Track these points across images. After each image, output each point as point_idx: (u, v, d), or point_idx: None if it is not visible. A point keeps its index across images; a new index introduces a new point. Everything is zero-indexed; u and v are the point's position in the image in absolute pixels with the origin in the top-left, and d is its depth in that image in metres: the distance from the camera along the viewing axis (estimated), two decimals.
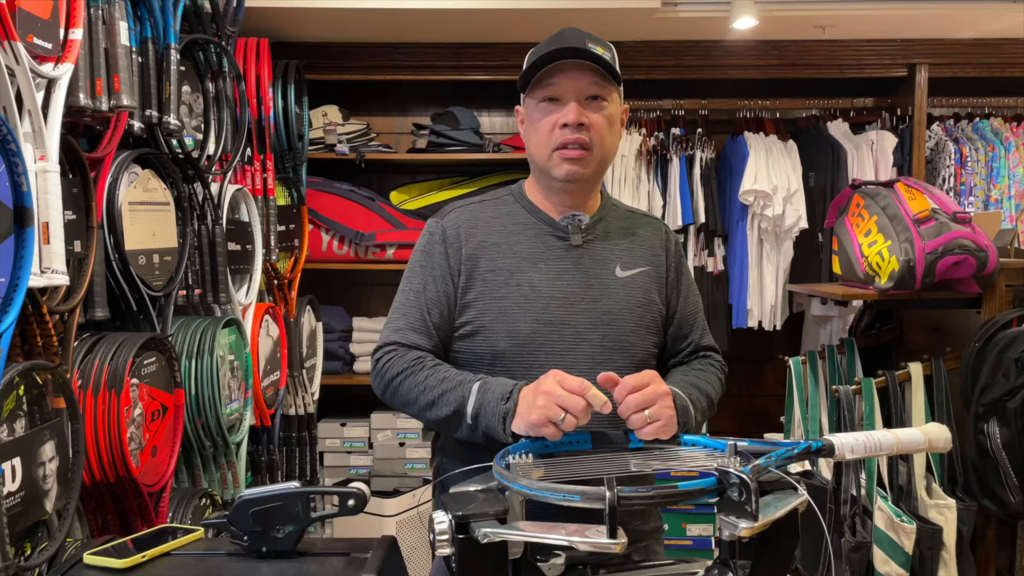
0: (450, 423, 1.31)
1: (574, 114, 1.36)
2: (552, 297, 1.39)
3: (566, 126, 1.36)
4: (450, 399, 1.29)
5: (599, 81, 1.37)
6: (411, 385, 1.34)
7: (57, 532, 1.41)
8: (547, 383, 1.18)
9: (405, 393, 1.35)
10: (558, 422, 1.14)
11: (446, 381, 1.31)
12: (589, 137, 1.37)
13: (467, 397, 1.28)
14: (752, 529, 0.88)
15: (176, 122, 1.90)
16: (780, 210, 3.25)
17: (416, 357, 1.36)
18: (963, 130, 3.44)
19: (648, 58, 3.36)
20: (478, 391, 1.27)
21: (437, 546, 0.91)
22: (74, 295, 1.53)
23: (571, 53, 1.34)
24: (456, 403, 1.29)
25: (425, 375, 1.33)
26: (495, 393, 1.25)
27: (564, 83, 1.37)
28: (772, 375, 3.75)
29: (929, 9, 2.96)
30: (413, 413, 1.37)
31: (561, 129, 1.37)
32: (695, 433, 1.26)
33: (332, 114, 3.43)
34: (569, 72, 1.36)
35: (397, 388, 1.36)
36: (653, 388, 1.20)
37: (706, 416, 1.39)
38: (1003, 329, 2.32)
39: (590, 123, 1.37)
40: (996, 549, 2.47)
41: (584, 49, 1.34)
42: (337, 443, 3.43)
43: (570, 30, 1.40)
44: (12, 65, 1.31)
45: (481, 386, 1.28)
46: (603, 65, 1.35)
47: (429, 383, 1.32)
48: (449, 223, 1.45)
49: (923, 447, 1.11)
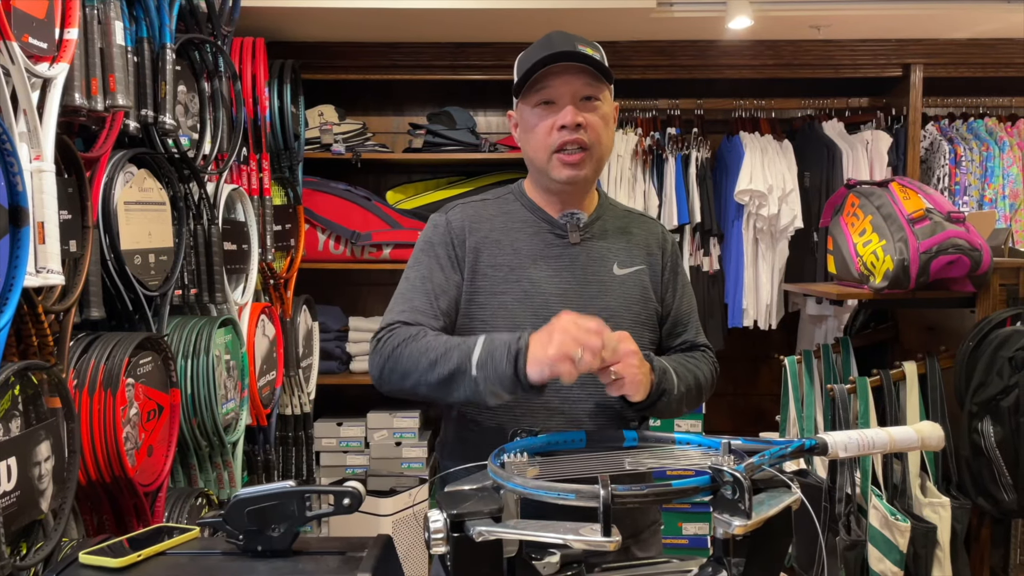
0: (452, 383, 1.25)
1: (571, 115, 1.37)
2: (551, 294, 1.41)
3: (563, 128, 1.38)
4: (453, 356, 1.25)
5: (592, 82, 1.39)
6: (413, 350, 1.29)
7: (53, 532, 1.41)
8: (564, 320, 1.17)
9: (406, 360, 1.30)
10: (575, 357, 1.13)
11: (449, 342, 1.28)
12: (587, 137, 1.39)
13: (472, 348, 1.24)
14: (746, 527, 0.88)
15: (172, 122, 1.90)
16: (775, 210, 3.26)
17: (419, 329, 1.33)
18: (958, 130, 3.46)
19: (644, 58, 3.36)
20: (484, 341, 1.24)
21: (432, 545, 0.92)
22: (70, 295, 1.52)
23: (562, 56, 1.36)
24: (460, 358, 1.24)
25: (429, 339, 1.30)
26: (503, 339, 1.22)
27: (558, 86, 1.38)
28: (768, 374, 3.75)
29: (924, 9, 2.97)
30: (412, 382, 1.30)
31: (559, 131, 1.39)
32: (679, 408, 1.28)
33: (328, 114, 3.43)
34: (562, 75, 1.38)
35: (399, 358, 1.30)
36: (620, 346, 1.20)
37: (695, 397, 1.41)
38: (997, 328, 2.33)
39: (587, 123, 1.39)
40: (990, 547, 2.48)
41: (576, 52, 1.36)
42: (333, 443, 3.43)
43: (558, 34, 1.42)
44: (7, 65, 1.31)
45: (488, 337, 1.25)
46: (595, 65, 1.37)
47: (432, 345, 1.28)
48: (454, 217, 1.47)
49: (916, 445, 1.12)
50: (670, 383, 1.31)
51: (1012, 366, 2.24)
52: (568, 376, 1.14)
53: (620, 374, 1.20)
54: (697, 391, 1.42)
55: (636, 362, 1.22)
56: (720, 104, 3.53)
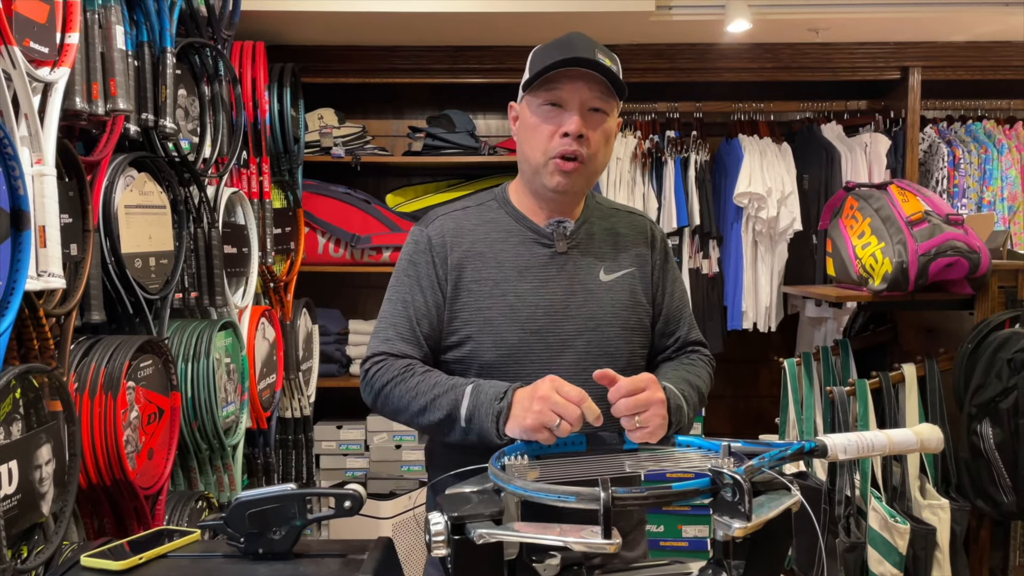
0: (443, 427, 1.30)
1: (576, 125, 1.34)
2: (537, 306, 1.39)
3: (566, 136, 1.35)
4: (443, 403, 1.29)
5: (603, 95, 1.36)
6: (402, 392, 1.33)
7: (53, 535, 1.41)
8: (543, 388, 1.18)
9: (396, 400, 1.34)
10: (552, 428, 1.15)
11: (438, 386, 1.31)
12: (586, 151, 1.37)
13: (460, 400, 1.27)
14: (746, 529, 0.88)
15: (172, 125, 1.90)
16: (774, 212, 3.26)
17: (406, 364, 1.36)
18: (956, 132, 3.46)
19: (643, 61, 3.37)
20: (471, 393, 1.27)
21: (433, 547, 0.92)
22: (70, 298, 1.53)
23: (583, 62, 1.33)
24: (449, 407, 1.28)
25: (416, 381, 1.33)
26: (489, 394, 1.25)
27: (570, 90, 1.35)
28: (767, 377, 3.75)
29: (922, 12, 2.97)
30: (405, 420, 1.36)
31: (562, 138, 1.36)
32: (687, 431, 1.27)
33: (328, 117, 3.44)
34: (577, 80, 1.34)
35: (388, 396, 1.35)
36: (647, 395, 1.20)
37: (697, 411, 1.40)
38: (996, 330, 2.34)
39: (588, 137, 1.36)
40: (990, 549, 2.48)
41: (595, 60, 1.33)
42: (333, 445, 3.44)
43: (579, 37, 1.38)
44: (8, 69, 1.31)
45: (475, 388, 1.28)
46: (610, 78, 1.34)
47: (420, 388, 1.32)
48: (434, 231, 1.44)
49: (915, 448, 1.12)
50: (682, 416, 1.29)
51: (1011, 368, 2.24)
52: (546, 442, 1.17)
53: (645, 424, 1.19)
54: (700, 403, 1.41)
55: (662, 412, 1.21)
56: (719, 107, 3.54)
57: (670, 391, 1.27)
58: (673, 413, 1.25)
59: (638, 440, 1.20)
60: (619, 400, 1.19)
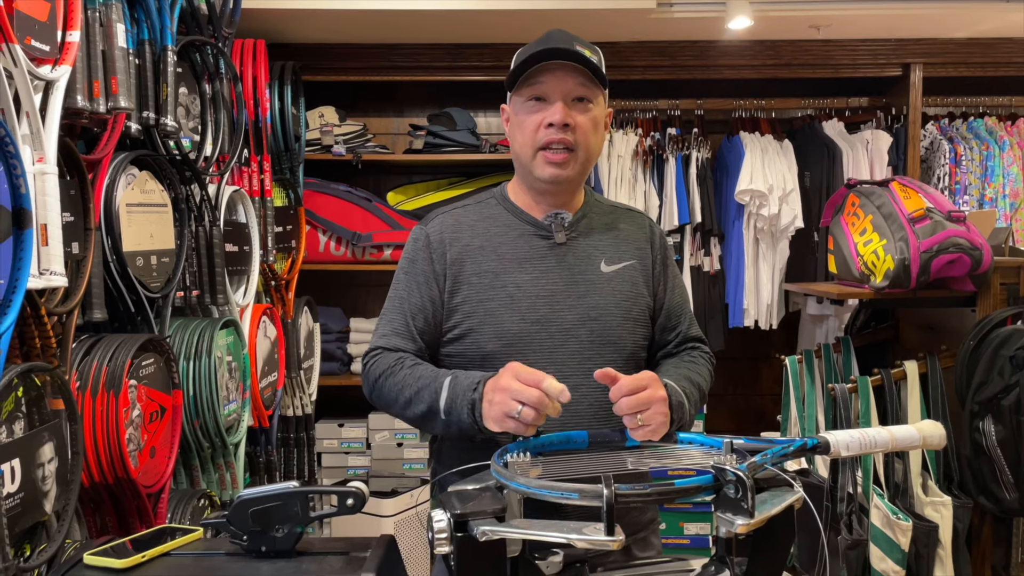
0: (427, 420, 1.33)
1: (560, 114, 1.37)
2: (538, 296, 1.40)
3: (551, 126, 1.38)
4: (425, 395, 1.32)
5: (585, 83, 1.38)
6: (391, 385, 1.37)
7: (56, 533, 1.41)
8: (503, 379, 1.20)
9: (387, 393, 1.38)
10: (515, 415, 1.16)
11: (422, 379, 1.34)
12: (574, 138, 1.39)
13: (439, 392, 1.30)
14: (748, 526, 0.88)
15: (173, 124, 1.90)
16: (776, 209, 3.26)
17: (397, 358, 1.39)
18: (957, 129, 3.46)
19: (644, 58, 3.37)
20: (449, 385, 1.29)
21: (436, 544, 0.92)
22: (72, 297, 1.53)
23: (559, 54, 1.36)
24: (430, 399, 1.31)
25: (404, 374, 1.36)
26: (463, 385, 1.28)
27: (551, 83, 1.38)
28: (769, 374, 3.75)
29: (923, 9, 2.97)
30: (396, 413, 1.39)
31: (547, 129, 1.38)
32: (689, 428, 1.26)
33: (329, 115, 3.44)
34: (556, 72, 1.37)
35: (380, 388, 1.39)
36: (649, 393, 1.21)
37: (698, 408, 1.41)
38: (998, 327, 2.34)
39: (575, 124, 1.38)
40: (992, 546, 2.48)
41: (572, 51, 1.36)
42: (335, 444, 3.43)
43: (558, 32, 1.41)
44: (10, 67, 1.31)
45: (452, 381, 1.30)
46: (590, 67, 1.37)
47: (407, 381, 1.35)
48: (432, 229, 1.47)
49: (918, 444, 1.12)
50: (684, 413, 1.30)
51: (1013, 365, 2.24)
52: (517, 431, 1.17)
53: (647, 422, 1.20)
54: (701, 401, 1.42)
55: (664, 410, 1.22)
56: (720, 104, 3.53)
57: (671, 388, 1.27)
58: (675, 410, 1.26)
59: (640, 438, 1.20)
60: (620, 399, 1.19)
